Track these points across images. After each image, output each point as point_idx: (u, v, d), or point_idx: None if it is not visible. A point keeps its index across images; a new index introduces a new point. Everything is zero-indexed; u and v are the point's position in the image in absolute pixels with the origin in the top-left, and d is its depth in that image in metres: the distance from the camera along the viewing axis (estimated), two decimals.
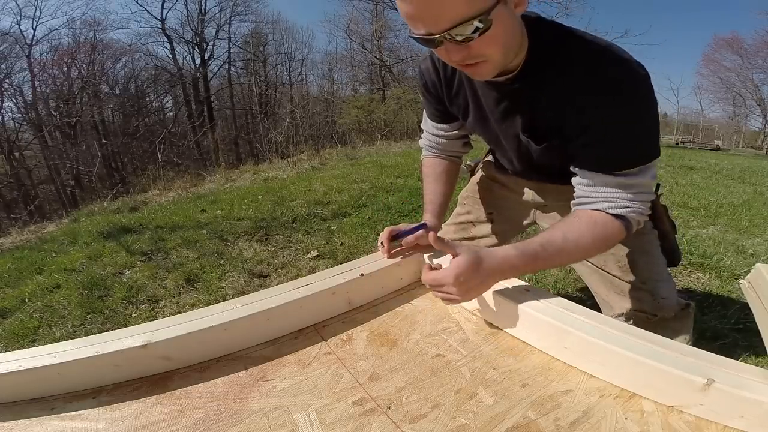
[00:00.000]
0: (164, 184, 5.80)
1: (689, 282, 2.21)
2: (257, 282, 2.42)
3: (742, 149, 16.48)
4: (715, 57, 22.58)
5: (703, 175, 5.45)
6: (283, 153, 7.28)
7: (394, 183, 4.37)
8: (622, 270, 0.99)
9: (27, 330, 2.06)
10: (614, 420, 0.54)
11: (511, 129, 0.87)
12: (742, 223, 3.20)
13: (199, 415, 0.58)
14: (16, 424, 0.57)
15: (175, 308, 2.18)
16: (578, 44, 0.73)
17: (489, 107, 0.88)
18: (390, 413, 0.58)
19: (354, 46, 21.08)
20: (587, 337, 0.62)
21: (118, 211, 4.43)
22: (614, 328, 0.63)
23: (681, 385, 0.54)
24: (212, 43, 19.72)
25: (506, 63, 0.73)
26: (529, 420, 0.55)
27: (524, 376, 0.64)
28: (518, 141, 0.89)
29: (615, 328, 0.63)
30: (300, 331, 0.77)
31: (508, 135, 0.90)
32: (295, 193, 4.18)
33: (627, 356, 0.58)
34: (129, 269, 2.68)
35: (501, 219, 1.21)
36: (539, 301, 0.71)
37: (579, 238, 0.74)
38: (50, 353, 0.62)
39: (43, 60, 15.51)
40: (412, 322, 0.79)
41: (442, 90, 0.95)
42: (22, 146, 14.79)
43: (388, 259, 0.88)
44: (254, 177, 5.65)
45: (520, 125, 0.85)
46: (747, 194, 4.31)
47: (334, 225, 3.25)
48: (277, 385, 0.64)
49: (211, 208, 3.90)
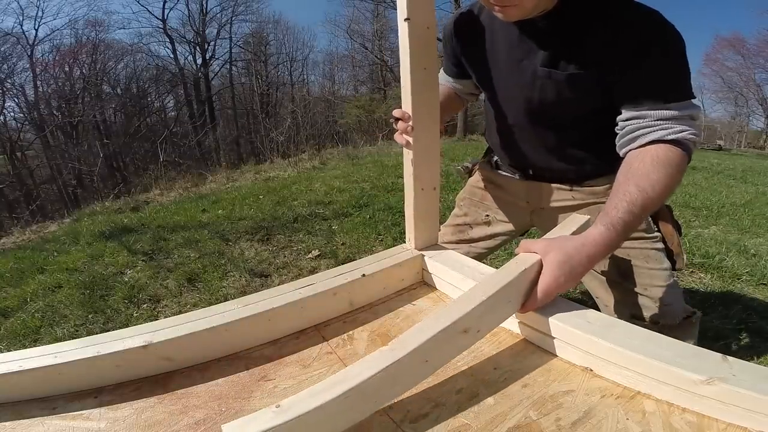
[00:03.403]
0: (166, 184, 5.81)
1: (691, 282, 2.21)
2: (258, 282, 2.42)
3: (745, 149, 16.43)
4: (716, 57, 22.56)
5: (705, 175, 5.44)
6: (285, 153, 7.28)
7: (395, 183, 4.37)
8: (623, 276, 0.96)
9: (29, 329, 2.06)
10: (615, 420, 0.54)
11: (529, 65, 0.89)
12: (744, 223, 3.19)
13: (200, 415, 0.58)
14: (17, 423, 0.57)
15: (176, 308, 2.19)
16: None
17: (510, 48, 0.90)
18: (391, 413, 0.58)
19: (355, 46, 21.15)
20: (590, 337, 0.62)
21: (120, 210, 4.44)
22: (617, 327, 0.63)
23: (683, 384, 0.54)
24: (213, 43, 19.81)
25: (536, 10, 0.79)
26: (530, 420, 0.55)
27: (525, 376, 0.64)
28: (533, 78, 0.89)
29: (618, 327, 0.63)
30: (301, 331, 0.77)
31: (525, 73, 0.90)
32: (296, 193, 4.19)
33: (629, 355, 0.58)
34: (130, 269, 2.69)
35: (498, 221, 1.21)
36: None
37: (655, 183, 0.73)
38: (52, 353, 0.63)
39: (45, 60, 15.60)
40: (414, 322, 0.79)
41: (456, 44, 1.03)
42: (24, 146, 14.86)
43: (389, 260, 0.88)
44: (255, 177, 5.66)
45: (540, 59, 0.86)
46: (749, 194, 4.30)
47: (335, 225, 3.25)
48: (278, 385, 0.64)
49: (212, 208, 3.91)
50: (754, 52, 20.76)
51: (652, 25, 0.76)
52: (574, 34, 0.81)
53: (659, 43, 0.76)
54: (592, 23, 0.79)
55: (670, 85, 0.77)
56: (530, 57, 0.88)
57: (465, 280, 0.81)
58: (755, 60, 20.84)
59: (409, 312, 0.83)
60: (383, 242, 2.88)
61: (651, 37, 0.76)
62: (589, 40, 0.80)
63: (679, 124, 0.76)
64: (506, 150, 1.09)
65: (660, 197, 0.74)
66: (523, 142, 1.04)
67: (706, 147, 13.67)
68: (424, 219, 0.93)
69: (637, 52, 0.76)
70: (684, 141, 0.76)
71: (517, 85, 0.93)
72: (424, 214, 0.92)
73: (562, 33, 0.83)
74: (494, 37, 0.94)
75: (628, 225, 0.71)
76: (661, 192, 0.74)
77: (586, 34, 0.80)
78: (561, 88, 0.86)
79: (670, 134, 0.76)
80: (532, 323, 0.70)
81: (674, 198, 3.84)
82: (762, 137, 21.15)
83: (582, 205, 1.02)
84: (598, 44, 0.79)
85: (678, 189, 4.02)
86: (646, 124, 0.78)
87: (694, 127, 0.77)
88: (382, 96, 19.29)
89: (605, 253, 0.71)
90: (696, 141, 0.78)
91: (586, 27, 0.80)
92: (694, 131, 0.77)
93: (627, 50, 0.77)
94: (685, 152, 0.77)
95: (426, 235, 0.94)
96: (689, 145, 0.77)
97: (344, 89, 22.93)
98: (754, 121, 22.69)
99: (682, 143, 0.76)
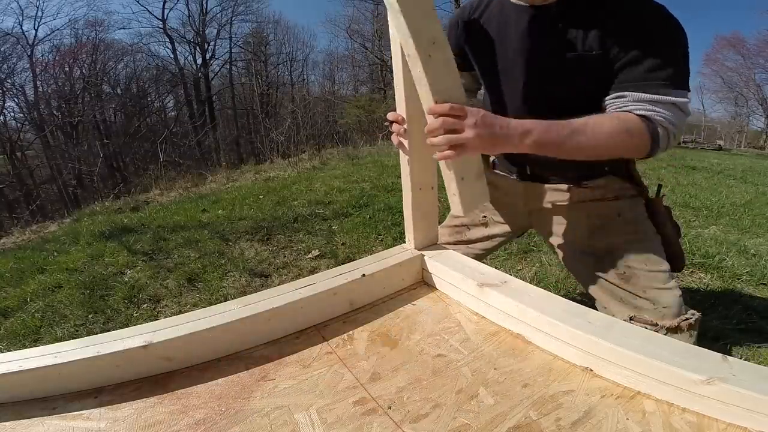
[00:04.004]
0: (166, 184, 5.81)
1: (691, 282, 2.21)
2: (258, 282, 2.42)
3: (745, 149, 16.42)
4: (716, 57, 22.54)
5: (705, 175, 5.44)
6: (285, 153, 7.27)
7: (395, 183, 4.36)
8: (621, 278, 0.96)
9: (29, 329, 2.06)
10: (615, 420, 0.54)
11: (541, 52, 0.91)
12: (744, 223, 3.19)
13: (200, 415, 0.58)
14: (17, 423, 0.58)
15: (176, 308, 2.18)
16: None
17: (521, 37, 0.92)
18: (391, 413, 0.58)
19: (355, 46, 21.14)
20: (590, 337, 0.62)
21: (120, 210, 4.44)
22: (617, 327, 0.63)
23: (683, 384, 0.54)
24: (213, 43, 19.80)
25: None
26: (530, 420, 0.55)
27: (525, 376, 0.64)
28: (544, 64, 0.91)
29: (618, 327, 0.63)
30: (301, 331, 0.77)
31: (534, 60, 0.92)
32: (296, 193, 4.18)
33: (629, 355, 0.58)
34: (130, 269, 2.69)
35: (495, 222, 1.21)
36: (540, 300, 0.71)
37: (598, 123, 0.78)
38: (52, 353, 0.63)
39: (45, 60, 15.59)
40: (413, 322, 0.79)
41: (462, 33, 1.05)
42: (24, 146, 14.85)
43: (389, 260, 0.88)
44: (255, 177, 5.65)
45: (551, 46, 0.89)
46: (749, 194, 4.29)
47: (335, 225, 3.25)
48: (279, 385, 0.64)
49: (212, 208, 3.91)
50: (754, 52, 20.77)
51: (657, 17, 0.79)
52: (584, 23, 0.84)
53: (661, 34, 0.78)
54: (601, 12, 0.82)
55: (660, 74, 0.79)
56: (542, 44, 0.90)
57: (465, 280, 0.81)
58: (755, 60, 20.85)
59: (409, 312, 0.83)
60: (383, 242, 2.88)
61: (654, 27, 0.79)
62: (598, 28, 0.83)
63: (655, 106, 0.79)
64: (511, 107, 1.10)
65: (593, 138, 0.77)
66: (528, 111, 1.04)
67: (706, 147, 13.67)
68: (422, 218, 0.93)
69: (639, 42, 0.79)
70: (653, 119, 0.79)
71: (526, 72, 0.94)
72: (423, 213, 0.92)
73: (573, 22, 0.85)
74: (504, 27, 0.95)
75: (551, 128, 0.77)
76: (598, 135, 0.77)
77: (595, 23, 0.83)
78: (570, 75, 0.89)
79: (639, 110, 0.79)
80: (533, 323, 0.70)
81: (674, 198, 3.84)
82: (762, 137, 21.14)
83: (579, 205, 1.02)
84: (606, 33, 0.82)
85: (678, 189, 3.98)
86: (622, 103, 0.81)
87: (672, 114, 0.79)
88: (382, 96, 19.29)
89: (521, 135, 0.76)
90: (670, 129, 0.80)
91: (594, 16, 0.83)
92: (669, 117, 0.79)
93: (630, 39, 0.80)
94: (649, 131, 0.78)
95: (424, 234, 0.95)
96: (656, 127, 0.79)
97: (344, 89, 22.95)
98: (754, 121, 22.69)
99: (651, 121, 0.79)
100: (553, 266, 2.33)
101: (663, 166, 5.73)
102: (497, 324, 0.76)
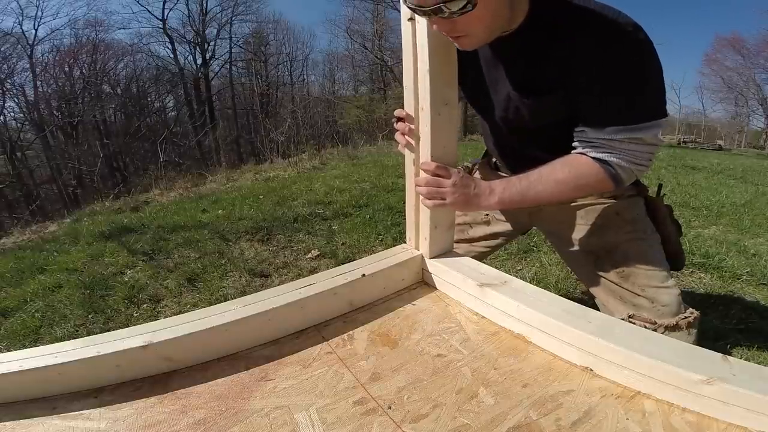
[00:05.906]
0: (166, 184, 5.80)
1: (691, 282, 2.21)
2: (258, 282, 2.42)
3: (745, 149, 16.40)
4: (716, 57, 22.50)
5: (705, 175, 5.44)
6: (285, 153, 7.26)
7: (395, 183, 4.37)
8: (620, 276, 0.96)
9: (29, 329, 2.06)
10: (615, 420, 0.54)
11: (503, 87, 0.90)
12: (744, 223, 3.19)
13: (200, 415, 0.58)
14: (17, 423, 0.58)
15: (176, 308, 2.18)
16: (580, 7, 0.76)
17: (488, 68, 0.91)
18: (391, 413, 0.58)
19: (355, 46, 21.13)
20: (590, 337, 0.62)
21: (120, 210, 4.44)
22: (617, 327, 0.63)
23: (683, 384, 0.54)
24: (213, 43, 19.79)
25: (491, 37, 0.78)
26: (531, 420, 0.55)
27: (525, 376, 0.64)
28: (507, 100, 0.90)
29: (618, 327, 0.63)
30: (301, 331, 0.77)
31: (500, 94, 0.91)
32: (296, 193, 4.18)
33: (629, 355, 0.58)
34: (130, 269, 2.69)
35: (497, 220, 1.21)
36: (541, 300, 0.71)
37: (551, 173, 0.83)
38: (52, 353, 0.63)
39: (44, 60, 15.58)
40: (413, 322, 0.79)
41: None
42: (24, 146, 14.84)
43: (389, 260, 0.88)
44: (255, 177, 5.65)
45: (510, 82, 0.87)
46: (749, 194, 4.29)
47: (335, 225, 3.25)
48: (278, 385, 0.64)
49: (212, 208, 3.91)
50: (754, 52, 20.74)
51: (618, 44, 0.73)
52: (536, 55, 0.81)
53: (622, 63, 0.73)
54: (552, 44, 0.78)
55: (621, 108, 0.76)
56: (502, 79, 0.89)
57: (465, 280, 0.81)
58: (755, 60, 20.81)
59: (409, 312, 0.83)
60: (383, 242, 2.88)
61: (615, 56, 0.73)
62: (550, 62, 0.80)
63: (613, 144, 0.78)
64: (498, 155, 1.13)
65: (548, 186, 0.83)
66: (511, 150, 1.07)
67: (706, 147, 13.67)
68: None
69: (599, 74, 0.75)
70: (608, 162, 0.79)
71: (496, 102, 0.94)
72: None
73: (526, 54, 0.82)
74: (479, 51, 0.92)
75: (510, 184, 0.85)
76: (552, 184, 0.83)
77: (547, 56, 0.79)
78: (532, 109, 0.87)
79: (591, 152, 0.80)
80: (533, 323, 0.70)
81: (674, 198, 3.84)
82: (762, 137, 21.13)
83: (580, 205, 1.02)
84: (558, 67, 0.79)
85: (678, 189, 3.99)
86: (583, 138, 0.81)
87: (635, 148, 0.77)
88: (382, 96, 19.29)
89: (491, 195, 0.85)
90: (632, 167, 0.79)
91: (546, 48, 0.79)
92: (628, 155, 0.78)
93: (590, 70, 0.75)
94: (605, 172, 0.79)
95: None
96: (612, 168, 0.79)
97: (344, 89, 22.93)
98: (754, 121, 22.66)
99: (606, 162, 0.79)
100: (553, 266, 2.33)
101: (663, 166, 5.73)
102: (497, 324, 0.76)
